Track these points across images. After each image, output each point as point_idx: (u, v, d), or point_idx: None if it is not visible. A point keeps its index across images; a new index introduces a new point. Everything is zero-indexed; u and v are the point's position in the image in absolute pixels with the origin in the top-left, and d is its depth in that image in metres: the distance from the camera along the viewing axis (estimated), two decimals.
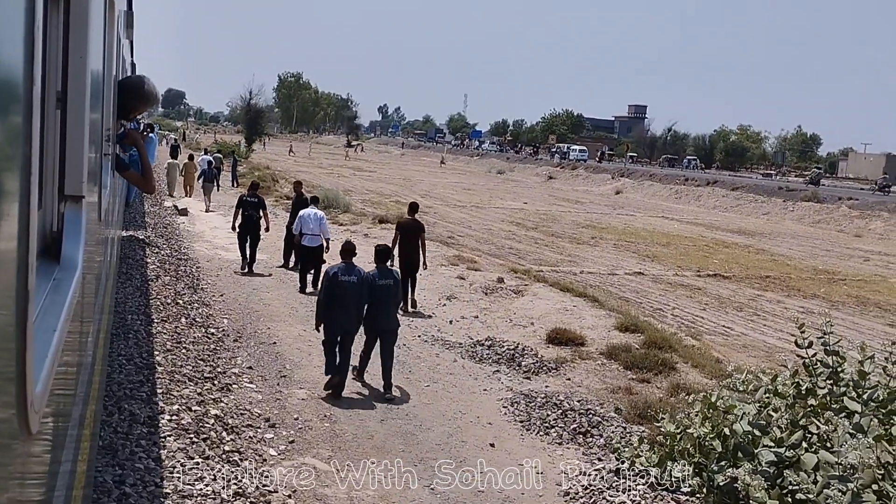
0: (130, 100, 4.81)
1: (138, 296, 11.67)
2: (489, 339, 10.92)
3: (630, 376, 9.67)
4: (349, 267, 8.75)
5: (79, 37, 1.97)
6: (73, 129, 2.00)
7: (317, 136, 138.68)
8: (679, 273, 19.81)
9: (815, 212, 42.22)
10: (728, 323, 14.31)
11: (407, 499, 6.20)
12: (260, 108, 66.05)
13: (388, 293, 8.82)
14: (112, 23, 3.80)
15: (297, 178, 21.94)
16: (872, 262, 26.01)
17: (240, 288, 13.48)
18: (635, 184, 58.13)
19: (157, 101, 5.38)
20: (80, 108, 2.01)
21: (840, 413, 5.38)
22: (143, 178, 4.94)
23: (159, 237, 17.84)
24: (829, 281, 20.73)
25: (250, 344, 10.10)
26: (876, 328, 14.84)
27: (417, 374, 9.44)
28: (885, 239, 35.23)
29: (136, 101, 4.89)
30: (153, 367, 8.47)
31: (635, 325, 11.51)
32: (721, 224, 36.58)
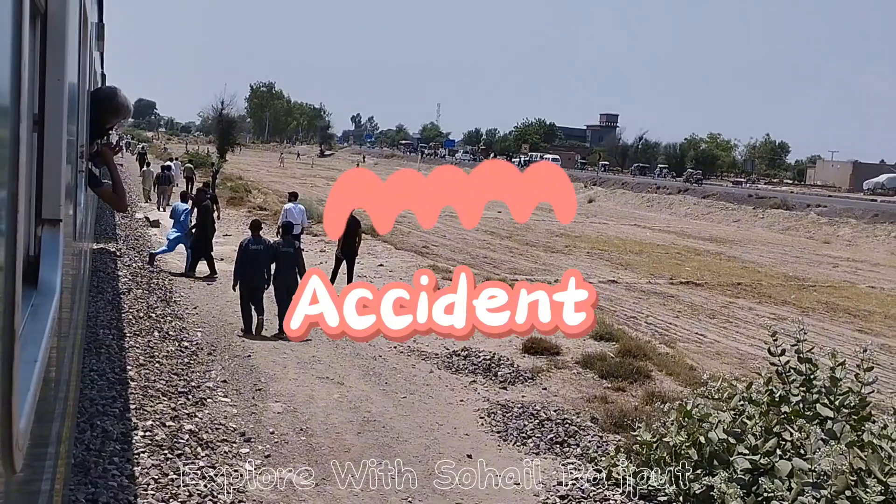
0: (103, 112, 4.75)
1: (110, 310, 11.53)
2: (465, 350, 10.91)
3: (605, 385, 9.72)
4: (257, 239, 11.59)
5: (56, 57, 1.96)
6: (51, 151, 1.97)
7: (289, 146, 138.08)
8: (652, 281, 19.98)
9: (785, 219, 42.82)
10: (701, 330, 14.45)
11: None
12: (232, 117, 65.48)
13: (289, 258, 11.43)
14: (86, 37, 3.77)
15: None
16: (841, 269, 26.41)
17: (213, 300, 13.37)
18: (608, 192, 58.58)
19: (129, 112, 5.32)
20: (57, 129, 1.99)
21: (813, 420, 5.45)
22: (115, 197, 4.88)
23: (131, 249, 17.63)
24: (800, 287, 21.02)
25: (225, 357, 10.01)
26: (846, 334, 15.07)
27: (394, 386, 9.42)
28: (853, 245, 35.81)
29: (108, 113, 4.84)
30: (126, 382, 8.37)
31: (610, 334, 11.59)
32: (693, 232, 36.96)
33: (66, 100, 2.07)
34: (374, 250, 20.21)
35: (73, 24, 2.27)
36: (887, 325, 16.50)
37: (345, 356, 10.51)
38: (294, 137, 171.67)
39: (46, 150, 1.97)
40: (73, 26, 2.33)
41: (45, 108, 1.94)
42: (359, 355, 10.59)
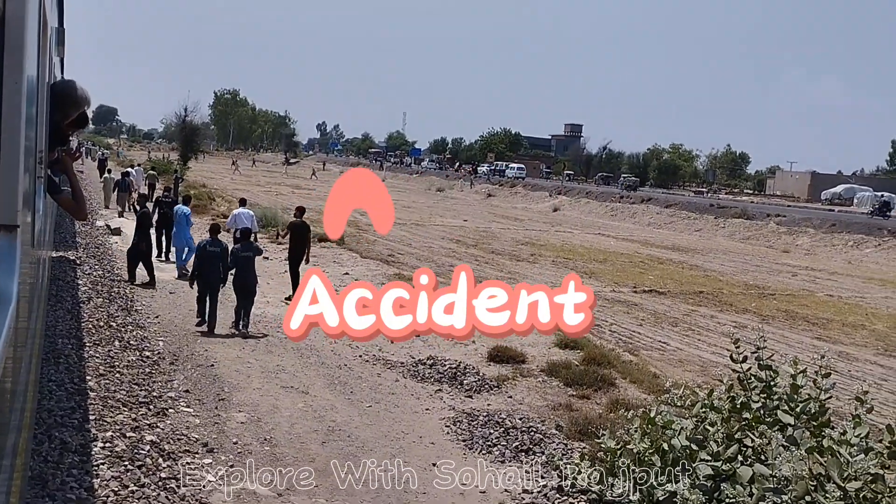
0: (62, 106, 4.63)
1: (69, 319, 11.32)
2: (431, 358, 10.91)
3: (570, 393, 9.78)
4: (214, 241, 12.08)
5: (14, 61, 1.92)
6: (8, 156, 1.93)
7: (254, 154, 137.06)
8: (616, 289, 20.14)
9: (746, 228, 43.50)
10: (664, 338, 14.59)
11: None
12: (195, 125, 64.78)
13: (248, 261, 12.03)
14: (45, 42, 3.70)
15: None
16: (800, 277, 26.89)
17: (176, 309, 13.20)
18: (572, 201, 59.03)
19: (88, 103, 5.15)
20: (14, 134, 1.94)
21: (774, 426, 5.52)
22: (75, 204, 4.79)
23: (91, 258, 17.34)
24: (760, 296, 21.35)
25: (187, 366, 9.88)
26: (805, 341, 15.32)
27: (359, 395, 9.37)
28: (812, 254, 36.50)
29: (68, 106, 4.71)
30: (85, 392, 8.21)
31: (574, 342, 11.65)
32: (656, 241, 37.37)
33: (24, 104, 2.03)
34: (340, 259, 20.13)
35: (31, 28, 2.23)
36: (845, 333, 16.82)
37: (310, 365, 10.44)
38: (259, 145, 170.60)
39: (2, 155, 1.93)
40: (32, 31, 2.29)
41: (1, 111, 1.91)
42: (324, 364, 10.52)
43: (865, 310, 20.49)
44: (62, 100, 4.63)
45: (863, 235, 37.66)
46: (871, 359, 14.49)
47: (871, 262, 33.86)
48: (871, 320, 18.74)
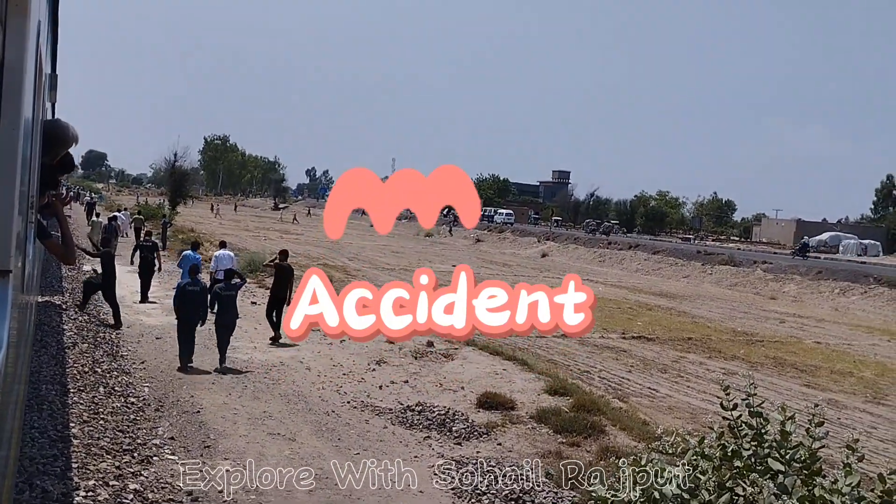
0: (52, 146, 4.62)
1: (54, 364, 11.18)
2: (420, 405, 10.82)
3: (560, 440, 9.70)
4: (194, 281, 12.89)
5: (12, 107, 1.93)
6: (3, 200, 1.94)
7: (243, 199, 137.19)
8: (605, 335, 20.12)
9: (733, 275, 43.69)
10: (653, 384, 14.54)
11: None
12: (185, 169, 64.92)
13: (230, 300, 12.86)
14: (39, 88, 3.73)
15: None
16: (788, 324, 26.95)
17: (161, 354, 13.08)
18: (560, 247, 59.23)
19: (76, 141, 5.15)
20: (10, 178, 1.95)
21: (765, 474, 5.49)
22: (64, 249, 4.78)
23: (77, 303, 17.20)
24: (748, 342, 21.37)
25: (172, 413, 9.76)
26: (794, 388, 15.31)
27: (347, 442, 9.26)
28: (799, 301, 36.64)
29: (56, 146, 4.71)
30: (68, 439, 8.08)
31: (564, 388, 11.61)
32: (644, 287, 37.47)
33: (20, 149, 2.04)
34: None
35: (29, 74, 2.25)
36: (833, 380, 16.83)
37: (297, 411, 10.33)
38: (248, 190, 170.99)
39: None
40: (30, 77, 2.31)
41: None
42: (311, 410, 10.42)
43: (853, 357, 20.53)
44: (51, 139, 4.64)
45: (849, 283, 37.88)
46: (861, 406, 14.48)
47: (858, 310, 34.03)
48: (859, 367, 18.77)
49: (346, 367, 13.03)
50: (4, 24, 1.97)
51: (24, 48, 2.11)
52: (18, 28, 2.08)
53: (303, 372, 12.65)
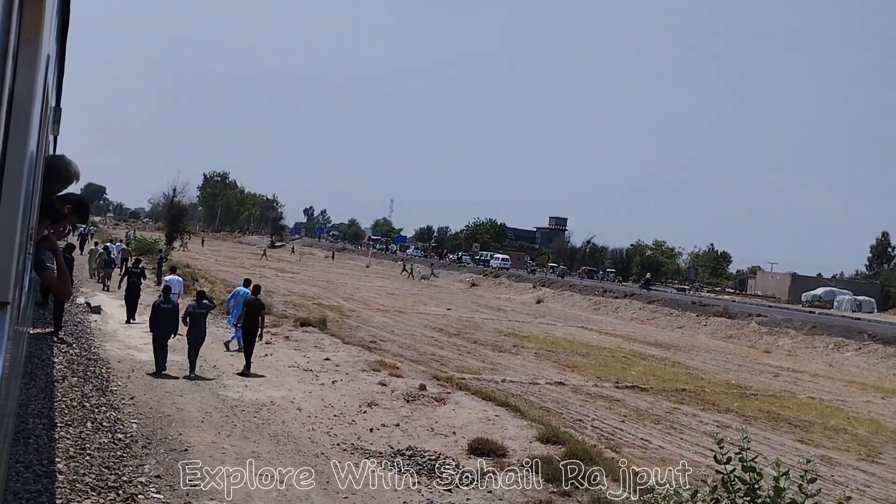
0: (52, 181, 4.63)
1: (42, 398, 11.08)
2: (410, 449, 10.71)
3: (551, 489, 9.58)
4: (167, 299, 15.18)
5: (19, 140, 1.95)
6: (5, 232, 1.95)
7: (240, 236, 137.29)
8: (598, 384, 20.02)
9: (727, 327, 43.64)
10: (646, 435, 14.43)
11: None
12: (183, 205, 65.12)
13: (201, 317, 15.06)
14: (45, 122, 3.76)
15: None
16: (782, 378, 26.86)
17: (152, 391, 12.97)
18: (556, 293, 59.21)
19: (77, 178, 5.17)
20: (14, 211, 1.96)
21: None
22: (59, 283, 4.76)
23: (69, 335, 17.11)
24: (742, 395, 21.26)
25: (160, 450, 9.64)
26: (787, 443, 15.20)
27: (335, 485, 9.14)
28: (793, 355, 36.56)
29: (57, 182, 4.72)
30: (53, 475, 7.97)
31: (556, 437, 11.50)
32: (638, 336, 37.38)
33: (24, 182, 2.06)
34: (322, 343, 19.96)
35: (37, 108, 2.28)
36: (827, 437, 16.72)
37: (286, 452, 10.21)
38: (245, 227, 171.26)
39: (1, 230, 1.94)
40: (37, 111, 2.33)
41: (2, 187, 1.93)
42: (300, 452, 10.30)
43: (847, 413, 20.42)
44: (53, 175, 4.66)
45: (843, 338, 37.85)
46: (854, 464, 14.36)
47: (852, 366, 33.95)
48: (853, 424, 18.66)
49: (337, 409, 12.93)
50: (16, 57, 2.00)
51: (33, 81, 2.14)
52: (29, 61, 2.11)
53: (293, 412, 12.54)
